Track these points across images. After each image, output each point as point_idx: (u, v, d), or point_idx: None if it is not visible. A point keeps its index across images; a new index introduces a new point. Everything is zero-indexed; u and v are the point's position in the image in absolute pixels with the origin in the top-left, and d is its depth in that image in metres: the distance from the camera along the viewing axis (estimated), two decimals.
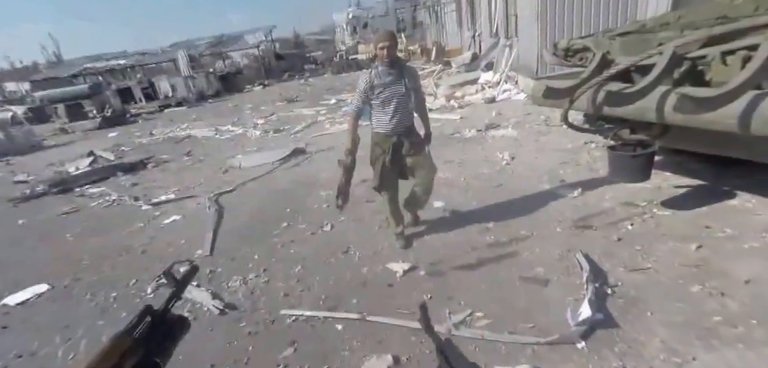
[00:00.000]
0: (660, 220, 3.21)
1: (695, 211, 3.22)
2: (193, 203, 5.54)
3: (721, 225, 2.95)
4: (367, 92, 3.17)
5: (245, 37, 29.52)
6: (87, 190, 6.99)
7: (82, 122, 16.72)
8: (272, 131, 9.53)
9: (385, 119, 3.21)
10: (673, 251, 2.79)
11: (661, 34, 2.99)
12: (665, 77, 2.54)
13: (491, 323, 2.45)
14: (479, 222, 3.74)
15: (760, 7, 2.63)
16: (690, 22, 2.95)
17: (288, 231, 4.21)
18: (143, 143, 10.89)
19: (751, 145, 2.52)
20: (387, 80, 3.12)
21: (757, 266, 2.46)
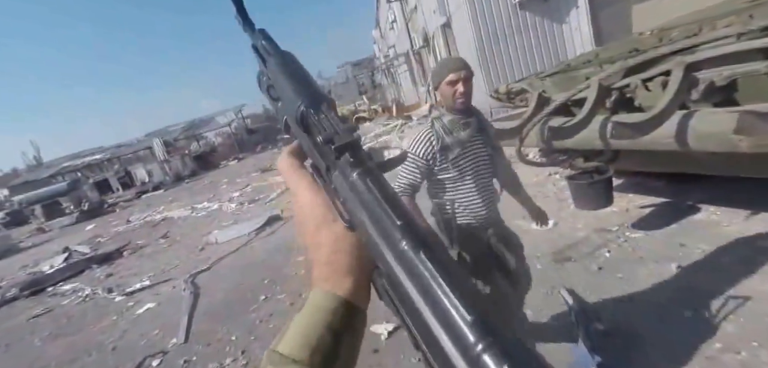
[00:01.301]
0: (635, 243, 3.04)
1: (666, 229, 3.07)
2: (168, 287, 5.05)
3: (694, 241, 2.80)
4: (429, 159, 1.78)
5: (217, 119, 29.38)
6: (60, 287, 6.35)
7: (59, 219, 15.77)
8: (247, 202, 9.14)
9: (466, 201, 1.83)
10: (655, 274, 2.60)
11: (584, 71, 3.03)
12: (598, 107, 2.53)
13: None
14: None
15: (663, 38, 2.70)
16: (608, 57, 3.01)
17: (266, 304, 3.81)
18: (120, 231, 10.23)
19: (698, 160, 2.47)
20: (462, 136, 1.77)
21: (742, 283, 2.28)
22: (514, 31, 8.64)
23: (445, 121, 1.80)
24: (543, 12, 8.44)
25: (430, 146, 1.78)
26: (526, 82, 3.65)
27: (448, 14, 10.54)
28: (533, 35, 8.56)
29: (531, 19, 8.49)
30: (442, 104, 1.84)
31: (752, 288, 2.20)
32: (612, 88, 2.60)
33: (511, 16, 8.60)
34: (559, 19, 8.43)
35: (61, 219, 15.62)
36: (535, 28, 8.52)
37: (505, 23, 8.66)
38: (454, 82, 1.75)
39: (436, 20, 11.96)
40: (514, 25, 8.61)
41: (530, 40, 8.58)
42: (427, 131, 1.80)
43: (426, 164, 1.78)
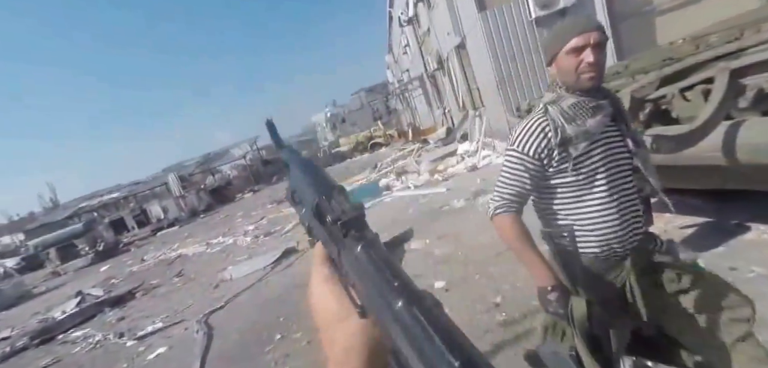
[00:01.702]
0: None
1: (712, 251, 2.87)
2: (180, 329, 5.00)
3: (746, 264, 2.60)
4: (543, 158, 1.33)
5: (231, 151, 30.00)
6: (71, 334, 6.37)
7: (74, 261, 16.12)
8: (263, 235, 9.14)
9: (594, 219, 1.34)
10: None
11: (613, 83, 2.92)
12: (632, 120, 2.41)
13: None
14: (486, 298, 3.33)
15: (700, 45, 2.58)
16: (640, 67, 2.91)
17: (282, 344, 3.71)
18: (134, 271, 10.34)
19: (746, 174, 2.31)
20: (590, 125, 1.28)
21: None
22: (532, 49, 8.57)
23: (564, 105, 1.29)
24: None
25: (544, 139, 1.29)
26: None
27: (462, 35, 10.60)
28: None
29: None
30: (560, 82, 1.35)
31: None
32: (645, 99, 2.50)
33: (528, 33, 8.56)
34: None
35: (75, 261, 15.97)
36: None
37: (522, 40, 8.62)
38: (579, 50, 1.26)
39: (450, 42, 12.05)
40: (531, 42, 8.56)
41: None
42: (538, 120, 1.32)
43: (538, 165, 1.31)
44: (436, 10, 12.80)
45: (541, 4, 8.27)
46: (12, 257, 19.33)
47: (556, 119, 1.29)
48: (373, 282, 0.33)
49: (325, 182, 0.47)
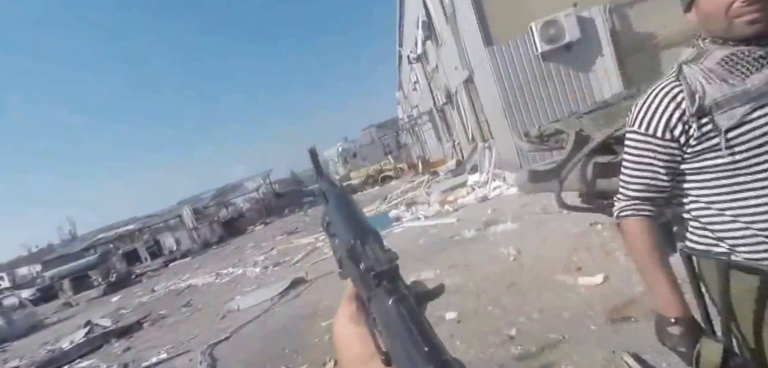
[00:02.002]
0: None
1: None
2: (185, 360, 4.84)
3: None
4: (678, 135, 0.96)
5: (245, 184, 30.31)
6: (76, 365, 6.25)
7: (87, 291, 16.12)
8: (272, 265, 9.01)
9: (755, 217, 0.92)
10: None
11: (625, 105, 2.82)
12: None
13: None
14: (500, 330, 3.14)
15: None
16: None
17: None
18: (144, 301, 10.24)
19: None
20: (753, 83, 0.88)
21: None
22: (539, 81, 8.57)
23: (710, 62, 0.93)
24: (567, 61, 8.38)
25: (675, 109, 0.95)
26: (560, 123, 3.45)
27: (470, 69, 10.68)
28: (559, 83, 8.45)
29: (555, 69, 8.43)
30: (704, 32, 0.97)
31: None
32: None
33: (535, 66, 8.58)
34: (585, 67, 8.33)
35: (88, 292, 15.95)
36: (560, 76, 8.43)
37: (529, 73, 8.63)
38: None
39: (458, 76, 12.16)
40: (538, 74, 8.56)
41: (556, 88, 8.47)
42: (668, 85, 0.98)
43: (672, 147, 0.97)
44: (444, 47, 12.99)
45: (548, 38, 8.31)
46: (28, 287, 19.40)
47: (692, 81, 0.93)
48: (401, 341, 0.32)
49: (362, 224, 0.47)
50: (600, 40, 8.28)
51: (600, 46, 8.27)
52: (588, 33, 8.26)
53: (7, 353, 9.26)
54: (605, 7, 8.26)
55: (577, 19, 8.15)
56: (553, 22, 8.20)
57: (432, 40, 14.57)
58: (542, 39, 8.31)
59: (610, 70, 8.17)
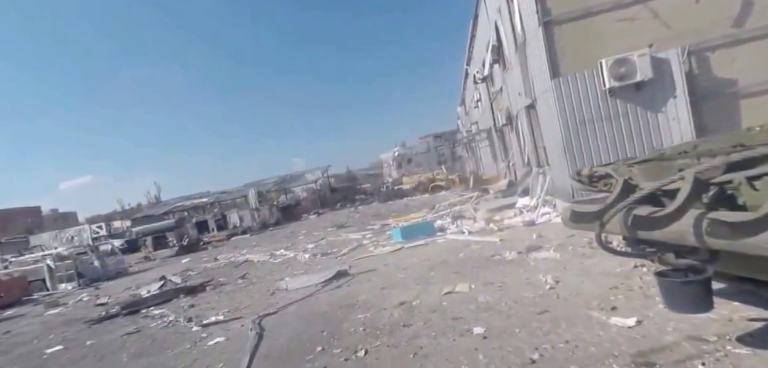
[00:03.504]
0: (737, 359, 2.56)
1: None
2: (238, 324, 5.35)
3: None
4: None
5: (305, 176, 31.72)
6: (151, 311, 7.06)
7: (163, 250, 17.89)
8: (320, 254, 9.50)
9: None
10: None
11: (679, 162, 2.76)
12: (693, 201, 2.25)
13: None
14: (523, 352, 3.20)
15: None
16: (707, 150, 2.72)
17: (322, 356, 3.83)
18: (208, 267, 11.22)
19: None
20: None
21: None
22: (603, 118, 8.23)
23: None
24: (636, 100, 7.98)
25: None
26: (611, 167, 3.43)
27: (533, 97, 10.49)
28: (625, 123, 8.07)
29: (622, 107, 8.06)
30: None
31: None
32: (710, 182, 2.35)
33: (601, 102, 8.26)
34: (654, 108, 7.88)
35: (164, 251, 17.73)
36: (627, 115, 8.04)
37: (594, 108, 8.32)
38: None
39: (521, 102, 11.97)
40: (603, 111, 8.24)
41: (621, 128, 8.09)
42: None
43: None
44: (510, 72, 12.84)
45: (617, 76, 7.98)
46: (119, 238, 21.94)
47: None
48: None
49: None
50: (674, 82, 7.80)
51: (673, 88, 7.80)
52: (661, 73, 7.82)
53: (99, 290, 10.66)
54: (684, 49, 7.78)
55: (651, 59, 7.75)
56: (625, 60, 7.87)
57: (500, 63, 14.44)
58: (611, 75, 8.00)
59: (681, 115, 7.67)
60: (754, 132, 2.89)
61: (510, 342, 3.46)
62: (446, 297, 4.95)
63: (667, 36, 7.94)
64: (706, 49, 7.75)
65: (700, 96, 7.67)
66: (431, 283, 5.60)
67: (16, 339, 7.21)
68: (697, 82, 7.74)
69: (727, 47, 7.61)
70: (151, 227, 21.26)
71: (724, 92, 7.66)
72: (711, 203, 2.31)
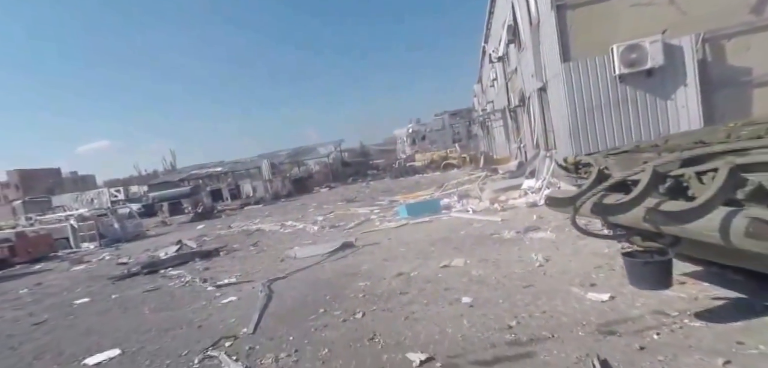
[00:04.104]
0: (690, 332, 2.88)
1: (730, 325, 2.86)
2: (249, 286, 5.85)
3: (755, 341, 2.58)
4: None
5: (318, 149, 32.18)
6: (169, 272, 7.66)
7: (179, 216, 18.68)
8: (328, 227, 9.98)
9: None
10: (698, 365, 2.48)
11: (645, 155, 3.04)
12: (651, 191, 2.56)
13: None
14: (503, 320, 3.57)
15: (731, 135, 2.62)
16: (674, 144, 2.98)
17: (323, 317, 4.28)
18: (221, 234, 11.84)
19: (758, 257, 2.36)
20: None
21: None
22: (612, 104, 8.37)
23: None
24: (646, 87, 8.08)
25: None
26: (592, 157, 3.72)
27: (545, 80, 10.58)
28: (633, 109, 8.19)
29: (631, 93, 8.17)
30: None
31: None
32: (667, 175, 2.64)
33: (610, 88, 8.38)
34: (664, 95, 7.97)
35: (180, 217, 18.53)
36: (636, 102, 8.16)
37: (603, 94, 8.45)
38: None
39: (533, 84, 12.04)
40: (612, 97, 8.36)
41: (629, 115, 8.22)
42: None
43: None
44: (525, 53, 12.86)
45: (628, 62, 8.08)
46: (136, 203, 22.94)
47: None
48: None
49: None
50: (685, 69, 7.87)
51: (684, 76, 7.87)
52: (673, 61, 7.89)
53: (120, 250, 11.41)
54: (698, 36, 7.79)
55: (663, 46, 7.81)
56: (637, 46, 7.94)
57: (515, 44, 14.42)
58: (622, 62, 8.09)
59: (690, 103, 7.76)
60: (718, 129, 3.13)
61: (493, 310, 3.84)
62: (442, 269, 5.34)
63: (682, 22, 7.95)
64: (721, 36, 7.75)
65: (713, 84, 7.72)
66: (430, 257, 6.00)
67: (46, 291, 7.93)
68: (710, 70, 7.78)
69: (743, 35, 7.60)
70: (167, 193, 22.16)
71: (738, 80, 7.69)
72: (665, 193, 2.61)
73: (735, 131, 2.75)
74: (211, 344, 3.95)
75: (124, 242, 13.34)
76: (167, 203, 20.31)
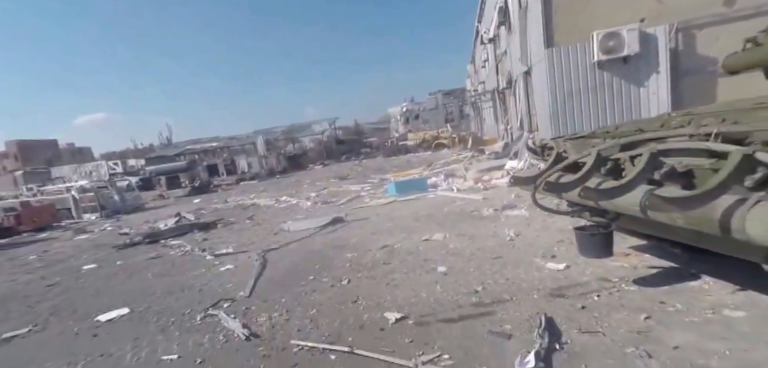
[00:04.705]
0: (625, 294, 3.31)
1: (658, 288, 3.29)
2: (245, 256, 6.23)
3: (674, 301, 3.02)
4: None
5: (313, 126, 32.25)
6: (169, 242, 8.01)
7: (176, 190, 18.92)
8: (321, 203, 10.35)
9: None
10: (625, 320, 2.90)
11: (595, 140, 3.39)
12: (594, 172, 2.91)
13: (453, 363, 2.70)
14: (471, 286, 3.98)
15: (665, 124, 2.98)
16: (621, 132, 3.34)
17: (313, 283, 4.68)
18: (218, 208, 12.17)
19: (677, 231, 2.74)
20: None
21: (690, 336, 2.54)
22: (590, 89, 8.69)
23: None
24: (622, 73, 8.40)
25: None
26: (554, 141, 4.08)
27: (529, 64, 10.84)
28: (609, 94, 8.53)
29: (608, 79, 8.50)
30: None
31: (697, 345, 2.45)
32: (609, 158, 3.02)
33: (589, 74, 8.68)
34: (638, 81, 8.31)
35: (177, 191, 18.75)
36: (612, 87, 8.50)
37: (582, 80, 8.76)
38: None
39: (519, 67, 12.29)
40: (590, 82, 8.68)
41: (605, 99, 8.56)
42: None
43: None
44: (514, 36, 13.05)
45: (607, 49, 8.37)
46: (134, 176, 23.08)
47: None
48: None
49: None
50: (659, 57, 8.19)
51: (657, 64, 8.20)
52: (648, 49, 8.20)
53: (120, 222, 11.71)
54: (672, 26, 8.09)
55: (640, 35, 8.10)
56: (615, 34, 8.22)
57: (506, 26, 14.56)
58: (601, 49, 8.38)
59: (661, 90, 8.12)
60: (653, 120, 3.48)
61: (464, 278, 4.25)
62: (423, 243, 5.74)
63: (660, 12, 8.23)
64: (694, 26, 8.06)
65: (682, 72, 8.07)
66: (414, 231, 6.40)
67: (54, 257, 8.27)
68: (681, 58, 8.11)
69: (713, 25, 7.90)
70: (164, 167, 22.29)
71: (705, 69, 8.03)
72: (607, 174, 2.99)
73: (668, 121, 3.11)
74: (210, 304, 4.34)
75: (124, 214, 13.62)
76: (164, 177, 20.49)
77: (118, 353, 3.49)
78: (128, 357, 3.40)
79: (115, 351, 3.52)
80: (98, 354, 3.49)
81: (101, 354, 3.48)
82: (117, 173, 22.18)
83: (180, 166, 22.12)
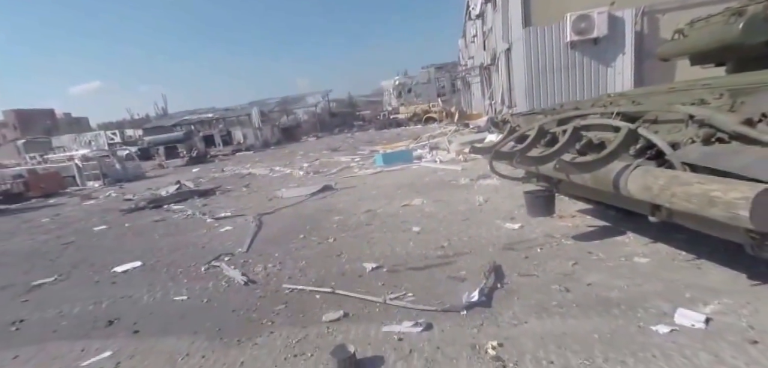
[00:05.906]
0: (562, 247, 3.86)
1: (589, 242, 3.84)
2: (242, 219, 6.70)
3: (597, 251, 3.57)
4: None
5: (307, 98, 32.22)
6: (172, 207, 8.44)
7: (174, 159, 19.17)
8: (313, 173, 10.78)
9: None
10: (557, 266, 3.45)
11: (539, 116, 3.86)
12: (536, 143, 3.40)
13: (415, 299, 3.23)
14: (439, 242, 4.51)
15: (595, 105, 3.45)
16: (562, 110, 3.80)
17: (302, 241, 5.18)
18: (216, 177, 12.56)
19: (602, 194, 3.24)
20: None
21: (602, 276, 3.09)
22: (563, 67, 9.09)
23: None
24: (592, 53, 8.80)
25: None
26: (511, 116, 4.55)
27: (510, 42, 11.15)
28: (579, 73, 8.95)
29: (579, 58, 8.90)
30: None
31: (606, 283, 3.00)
32: (547, 131, 3.50)
33: (562, 54, 9.07)
34: (606, 61, 8.72)
35: (175, 160, 19.00)
36: (583, 66, 8.91)
37: (556, 58, 9.15)
38: None
39: (502, 44, 12.59)
40: (563, 61, 9.07)
41: (576, 77, 8.99)
42: None
43: None
44: (498, 14, 13.26)
45: (578, 30, 8.73)
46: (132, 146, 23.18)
47: None
48: None
49: None
50: (625, 39, 8.58)
51: (623, 45, 8.60)
52: (615, 31, 8.58)
53: (123, 189, 12.06)
54: (638, 10, 8.45)
55: (609, 17, 8.46)
56: (586, 16, 8.57)
57: (492, 2, 14.72)
58: (573, 30, 8.75)
59: (625, 70, 8.56)
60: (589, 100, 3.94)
61: (433, 236, 4.78)
62: (403, 208, 6.25)
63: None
64: (658, 10, 8.43)
65: (646, 54, 8.49)
66: (395, 198, 6.90)
67: (65, 220, 8.67)
68: (645, 41, 8.52)
69: (676, 10, 8.27)
70: (162, 137, 22.44)
71: None
72: (547, 145, 3.47)
73: (598, 101, 3.58)
74: (213, 258, 4.83)
75: (126, 182, 13.94)
76: (163, 147, 20.69)
77: (136, 295, 3.99)
78: (145, 298, 3.91)
79: (133, 294, 4.02)
80: (119, 297, 4.00)
81: (121, 297, 3.99)
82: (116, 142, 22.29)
83: (177, 136, 22.26)
